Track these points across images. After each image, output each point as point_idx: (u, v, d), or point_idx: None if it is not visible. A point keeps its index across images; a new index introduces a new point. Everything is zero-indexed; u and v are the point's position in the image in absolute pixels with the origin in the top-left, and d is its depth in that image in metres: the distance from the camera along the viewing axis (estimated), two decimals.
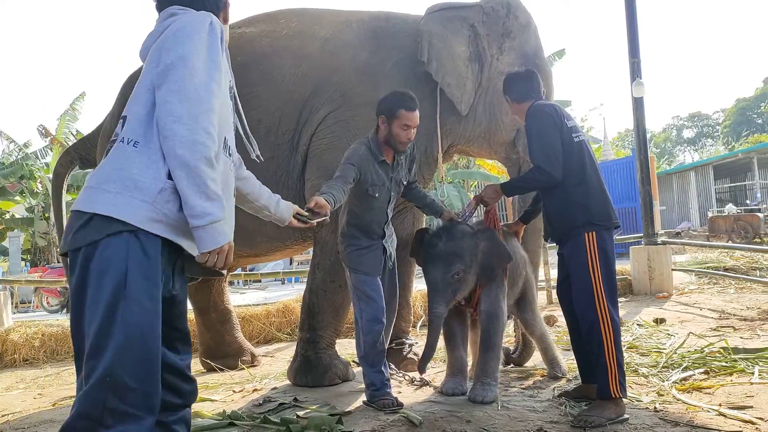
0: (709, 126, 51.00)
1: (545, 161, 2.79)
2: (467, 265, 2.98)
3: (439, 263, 2.96)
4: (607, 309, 2.68)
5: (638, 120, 7.03)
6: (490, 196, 3.11)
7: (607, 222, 2.80)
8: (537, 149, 2.84)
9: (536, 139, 2.85)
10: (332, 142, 3.57)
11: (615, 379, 2.65)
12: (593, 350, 2.71)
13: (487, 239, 3.06)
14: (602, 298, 2.69)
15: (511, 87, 3.09)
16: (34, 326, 5.64)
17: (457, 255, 2.97)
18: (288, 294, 8.83)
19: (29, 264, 17.12)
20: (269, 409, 3.08)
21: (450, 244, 2.99)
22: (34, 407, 3.68)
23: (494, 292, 3.10)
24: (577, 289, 2.78)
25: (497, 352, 3.11)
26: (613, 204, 2.91)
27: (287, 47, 3.69)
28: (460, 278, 2.97)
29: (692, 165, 23.63)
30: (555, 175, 2.78)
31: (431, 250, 3.01)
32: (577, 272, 2.77)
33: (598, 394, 2.70)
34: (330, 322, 3.66)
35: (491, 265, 3.05)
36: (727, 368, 3.35)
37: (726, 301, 6.06)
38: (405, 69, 3.69)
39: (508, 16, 3.76)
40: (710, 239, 13.85)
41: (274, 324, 5.79)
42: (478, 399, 2.96)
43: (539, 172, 2.82)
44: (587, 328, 2.73)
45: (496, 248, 3.04)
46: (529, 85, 3.05)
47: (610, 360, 2.65)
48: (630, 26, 6.87)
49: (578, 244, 2.76)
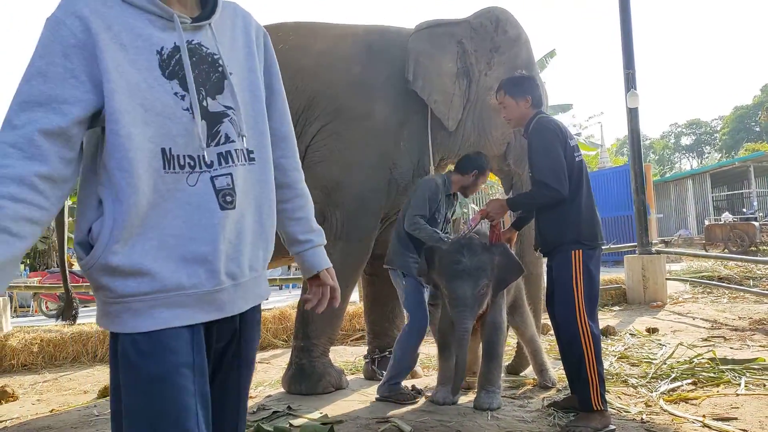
0: (707, 133, 51.16)
1: (553, 178, 2.80)
2: (489, 279, 3.04)
3: (468, 279, 2.99)
4: (587, 324, 2.74)
5: (633, 130, 7.11)
6: (495, 212, 3.12)
7: (594, 242, 2.86)
8: (544, 165, 2.83)
9: (543, 156, 2.85)
10: (325, 155, 3.64)
11: (596, 391, 2.71)
12: (574, 363, 2.78)
13: (501, 254, 3.11)
14: (583, 313, 2.75)
15: (509, 83, 3.07)
16: (33, 332, 5.67)
17: (483, 270, 3.02)
18: (284, 300, 8.88)
19: (28, 268, 17.12)
20: (263, 417, 3.12)
21: (475, 259, 3.03)
22: (32, 413, 3.72)
23: (498, 304, 3.18)
24: (560, 302, 2.84)
25: (499, 361, 3.19)
26: (609, 212, 2.99)
27: (282, 61, 3.74)
28: (485, 293, 3.04)
29: (690, 173, 23.71)
30: (563, 192, 2.80)
31: (456, 267, 3.02)
32: (561, 287, 2.83)
33: (580, 406, 2.76)
34: (324, 331, 3.71)
35: (505, 278, 3.12)
36: (714, 379, 3.40)
37: (719, 310, 6.11)
38: (398, 83, 3.75)
39: (497, 30, 3.81)
40: (707, 247, 13.91)
41: (270, 330, 5.82)
42: (484, 406, 3.04)
43: (547, 188, 2.82)
44: (568, 341, 2.79)
45: (510, 263, 3.11)
46: (530, 83, 3.05)
47: (591, 373, 2.71)
48: (625, 37, 6.94)
49: (565, 261, 2.82)
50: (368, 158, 3.67)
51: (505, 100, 3.07)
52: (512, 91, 3.03)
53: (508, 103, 3.06)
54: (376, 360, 4.00)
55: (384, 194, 3.74)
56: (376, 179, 3.69)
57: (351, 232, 3.65)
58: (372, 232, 3.76)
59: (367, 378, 4.02)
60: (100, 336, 5.60)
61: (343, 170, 3.64)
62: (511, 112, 3.07)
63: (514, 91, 3.03)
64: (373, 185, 3.69)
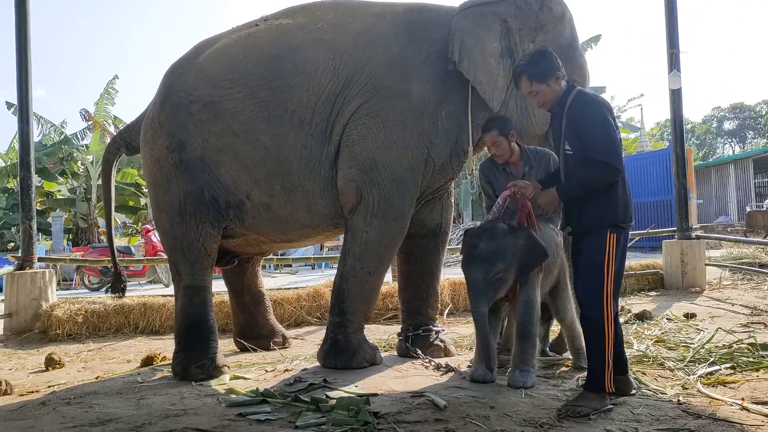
0: (751, 118, 49.50)
1: (611, 155, 2.65)
2: (508, 264, 3.03)
3: (481, 264, 3.02)
4: (612, 308, 2.72)
5: (675, 112, 6.95)
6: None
7: (628, 224, 2.81)
8: (602, 141, 2.66)
9: (599, 130, 2.67)
10: (363, 134, 3.65)
11: (611, 375, 2.71)
12: (594, 343, 2.76)
13: (526, 238, 3.08)
14: (610, 296, 2.71)
15: (530, 68, 2.83)
16: (78, 303, 5.88)
17: (499, 254, 3.02)
18: (317, 279, 9.00)
19: (71, 243, 17.68)
20: (300, 389, 3.20)
21: (492, 244, 3.03)
22: (78, 380, 3.88)
23: (530, 283, 3.17)
24: (586, 284, 2.78)
25: (533, 340, 3.18)
26: (648, 197, 2.94)
27: (321, 40, 3.77)
28: (501, 278, 3.03)
29: (732, 158, 23.10)
30: (621, 170, 2.68)
31: (473, 251, 3.06)
32: (591, 269, 2.76)
33: (589, 386, 2.76)
34: (359, 308, 3.76)
35: (530, 262, 3.10)
36: (754, 364, 3.35)
37: (759, 297, 5.98)
38: (436, 62, 3.73)
39: (542, 9, 3.76)
40: (747, 234, 13.55)
41: (304, 308, 5.92)
42: (519, 384, 3.06)
43: (606, 167, 2.66)
44: (589, 322, 2.77)
45: (534, 247, 3.08)
46: (548, 58, 2.84)
47: (608, 356, 2.70)
48: (669, 17, 6.77)
49: (600, 243, 2.73)
50: (405, 137, 3.68)
51: (534, 87, 2.84)
52: (538, 76, 2.81)
53: (538, 89, 2.83)
54: (410, 338, 4.04)
55: (420, 173, 3.75)
56: (412, 158, 3.70)
57: (387, 210, 3.68)
58: (408, 211, 3.78)
59: (400, 355, 4.06)
60: (141, 309, 5.78)
61: (380, 149, 3.66)
62: (544, 96, 2.85)
63: (540, 74, 2.81)
64: (410, 164, 3.70)
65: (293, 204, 3.82)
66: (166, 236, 4.00)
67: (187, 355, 3.71)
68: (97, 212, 17.69)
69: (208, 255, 3.90)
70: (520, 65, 2.93)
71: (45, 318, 5.68)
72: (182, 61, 4.08)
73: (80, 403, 3.16)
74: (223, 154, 3.79)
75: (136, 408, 3.02)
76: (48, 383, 3.81)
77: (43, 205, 18.67)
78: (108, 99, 17.86)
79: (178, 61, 4.12)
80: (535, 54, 2.94)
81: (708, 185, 22.14)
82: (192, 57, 4.05)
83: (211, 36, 4.19)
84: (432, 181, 3.88)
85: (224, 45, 3.98)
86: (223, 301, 5.48)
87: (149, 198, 4.45)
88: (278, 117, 3.72)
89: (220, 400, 3.09)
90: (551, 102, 2.88)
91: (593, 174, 2.71)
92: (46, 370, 4.25)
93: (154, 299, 6.02)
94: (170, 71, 4.08)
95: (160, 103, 3.97)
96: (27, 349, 5.24)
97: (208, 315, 3.85)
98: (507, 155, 3.57)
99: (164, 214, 3.94)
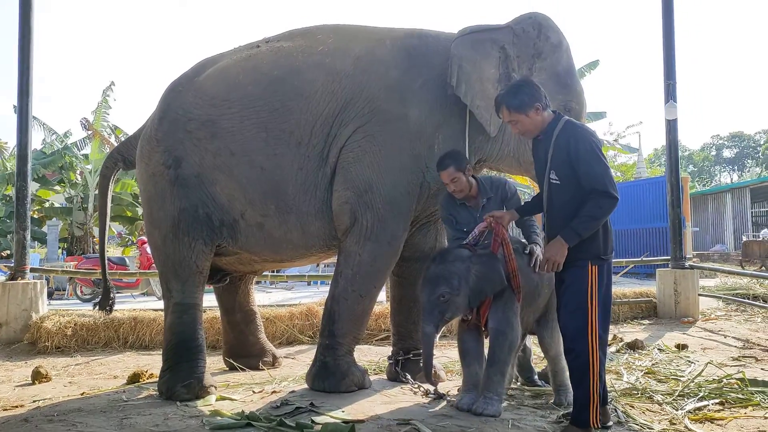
0: (750, 147, 49.82)
1: (612, 185, 2.67)
2: (454, 288, 3.03)
3: (427, 285, 3.08)
4: (597, 341, 2.71)
5: (671, 142, 7.01)
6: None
7: (610, 255, 2.82)
8: (602, 172, 2.67)
9: (597, 162, 2.69)
10: (359, 156, 3.67)
11: (596, 410, 2.70)
12: (578, 377, 2.75)
13: (482, 264, 3.08)
14: (595, 329, 2.71)
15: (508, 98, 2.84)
16: (68, 315, 5.84)
17: (443, 278, 3.04)
18: (313, 295, 8.97)
19: (65, 252, 17.61)
20: (286, 412, 3.17)
21: (439, 267, 3.08)
22: (64, 395, 3.84)
23: (501, 309, 3.15)
24: (570, 317, 2.78)
25: (501, 367, 3.15)
26: (644, 224, 2.93)
27: (322, 63, 3.80)
28: (446, 300, 3.03)
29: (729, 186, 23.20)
30: (617, 200, 2.70)
31: (425, 272, 3.15)
32: (573, 300, 2.76)
33: (575, 420, 2.75)
34: (350, 330, 3.75)
35: (482, 289, 3.08)
36: (743, 401, 3.34)
37: (752, 330, 5.98)
38: (435, 87, 3.77)
39: (539, 36, 3.81)
40: (743, 264, 13.57)
41: (297, 326, 5.89)
42: (477, 411, 3.06)
43: (609, 199, 2.66)
44: (574, 355, 2.76)
45: (489, 274, 3.07)
46: (529, 88, 2.85)
47: (594, 391, 2.69)
48: (667, 48, 6.84)
49: (582, 274, 2.74)
50: (401, 161, 3.70)
51: (513, 116, 2.85)
52: (517, 107, 2.82)
53: (517, 118, 2.85)
54: (400, 362, 4.02)
55: (415, 197, 3.76)
56: (407, 182, 3.72)
57: (381, 233, 3.68)
58: (401, 235, 3.79)
59: (390, 379, 4.04)
60: (131, 323, 5.75)
61: (375, 172, 3.67)
62: (523, 125, 2.86)
63: (518, 105, 2.82)
64: (405, 188, 3.71)
65: (287, 225, 3.82)
66: (158, 252, 3.99)
67: (174, 374, 3.68)
68: (93, 221, 17.65)
69: (200, 273, 3.89)
70: (500, 95, 2.96)
71: (34, 329, 5.64)
72: (182, 79, 4.11)
73: (63, 421, 3.12)
74: (219, 173, 3.81)
75: (119, 428, 2.99)
76: (33, 398, 3.78)
77: (39, 213, 18.63)
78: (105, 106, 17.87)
79: (178, 78, 4.15)
80: (516, 85, 2.98)
81: (704, 213, 22.20)
82: (192, 75, 4.08)
83: (212, 55, 4.23)
84: (427, 205, 3.89)
85: (225, 65, 4.01)
86: (215, 317, 5.46)
87: (143, 213, 4.44)
88: (275, 138, 3.73)
89: (205, 422, 3.06)
90: (532, 132, 2.90)
91: (603, 205, 2.68)
92: (32, 384, 4.22)
93: (145, 313, 5.98)
94: (170, 89, 4.11)
95: (158, 119, 3.99)
96: (15, 360, 5.20)
97: (197, 334, 3.83)
98: (466, 190, 3.51)
99: (157, 230, 3.94)
